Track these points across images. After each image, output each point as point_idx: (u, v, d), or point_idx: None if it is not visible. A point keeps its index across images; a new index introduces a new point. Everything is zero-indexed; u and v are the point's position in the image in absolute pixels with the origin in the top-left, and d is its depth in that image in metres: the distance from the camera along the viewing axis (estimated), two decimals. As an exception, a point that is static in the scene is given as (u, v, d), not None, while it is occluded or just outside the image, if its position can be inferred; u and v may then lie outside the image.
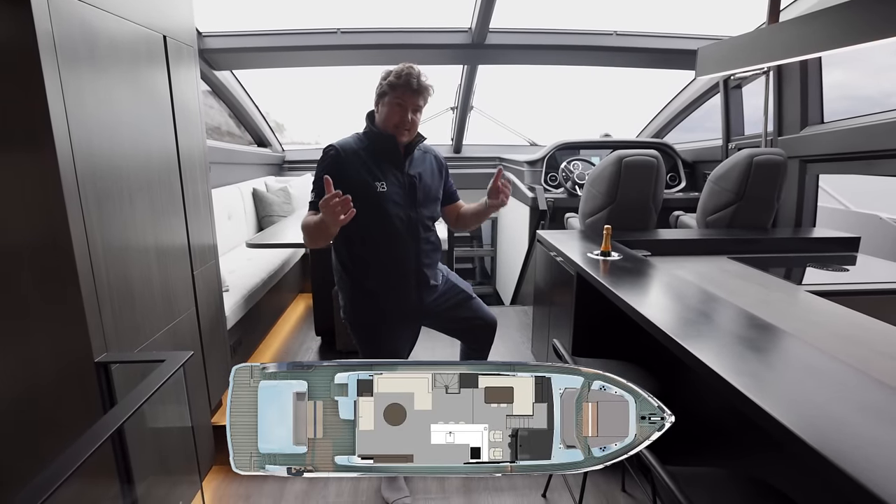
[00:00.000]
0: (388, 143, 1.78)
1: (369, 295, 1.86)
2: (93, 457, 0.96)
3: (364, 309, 1.89)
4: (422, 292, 1.89)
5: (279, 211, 4.06)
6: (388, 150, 1.79)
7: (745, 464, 1.67)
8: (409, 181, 1.81)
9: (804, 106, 2.90)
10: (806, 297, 1.82)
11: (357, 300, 1.89)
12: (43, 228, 1.26)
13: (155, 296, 1.69)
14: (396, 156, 1.80)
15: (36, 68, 1.17)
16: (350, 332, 1.96)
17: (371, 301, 1.87)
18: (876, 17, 1.33)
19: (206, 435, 2.15)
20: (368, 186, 1.74)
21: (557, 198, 3.88)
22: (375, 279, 1.84)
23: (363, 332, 1.93)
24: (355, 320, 1.93)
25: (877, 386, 1.02)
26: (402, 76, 1.71)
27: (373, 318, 1.90)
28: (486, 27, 3.35)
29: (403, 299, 1.87)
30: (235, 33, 3.46)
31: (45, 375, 1.35)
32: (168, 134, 1.80)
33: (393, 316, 1.90)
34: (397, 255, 1.82)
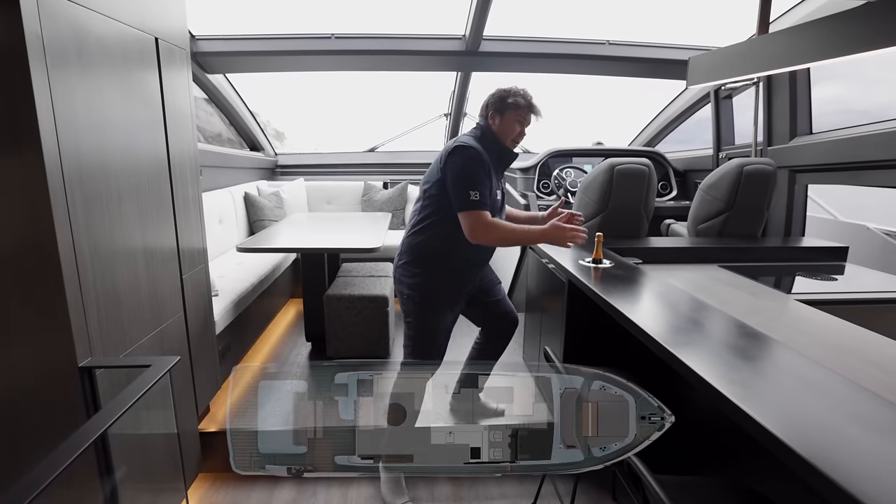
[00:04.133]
0: (506, 155, 1.98)
1: (447, 281, 2.01)
2: (75, 463, 0.94)
3: (438, 289, 2.00)
4: (478, 275, 2.13)
5: (271, 215, 4.04)
6: (503, 160, 1.99)
7: (736, 473, 1.67)
8: (502, 190, 2.05)
9: (793, 117, 2.93)
10: (795, 305, 1.83)
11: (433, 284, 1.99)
12: (28, 230, 1.24)
13: (142, 300, 1.67)
14: (505, 165, 2.02)
15: (24, 69, 1.16)
16: (408, 306, 2.03)
17: (443, 285, 2.00)
18: (864, 29, 1.34)
19: (193, 442, 2.12)
20: (492, 191, 1.92)
21: (550, 205, 3.89)
22: (460, 266, 2.02)
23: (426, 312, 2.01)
24: (428, 303, 2.00)
25: (866, 396, 1.02)
26: (526, 98, 1.91)
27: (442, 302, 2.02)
28: (480, 35, 3.37)
29: (469, 284, 2.09)
30: (229, 37, 3.45)
31: (27, 380, 1.33)
32: (158, 136, 1.79)
33: (453, 296, 2.05)
34: (482, 253, 2.05)
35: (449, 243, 1.95)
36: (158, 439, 1.75)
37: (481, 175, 1.83)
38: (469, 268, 2.06)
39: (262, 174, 4.77)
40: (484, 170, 1.85)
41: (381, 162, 5.05)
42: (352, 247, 2.63)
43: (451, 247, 1.95)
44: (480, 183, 1.83)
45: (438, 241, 1.97)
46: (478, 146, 1.87)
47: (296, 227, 3.24)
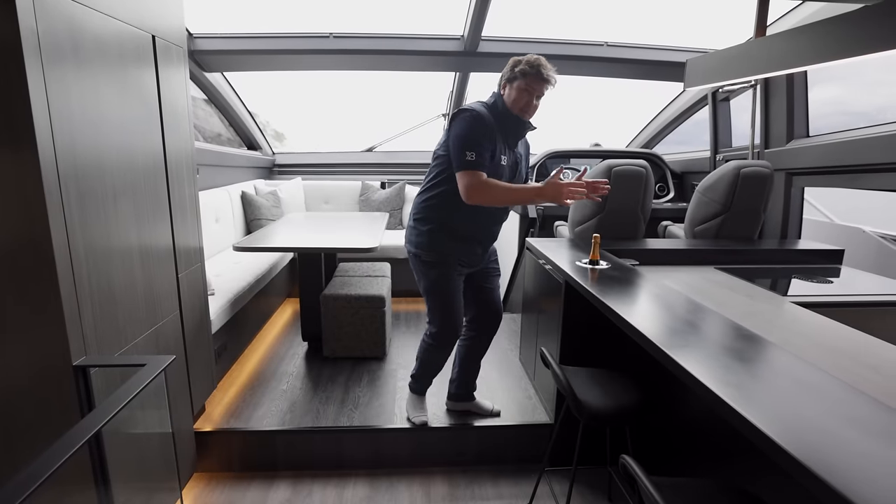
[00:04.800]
0: (515, 123, 1.98)
1: (456, 237, 2.06)
2: (69, 462, 0.93)
3: (445, 245, 2.06)
4: (485, 253, 2.18)
5: (268, 214, 4.03)
6: (512, 129, 1.99)
7: (732, 474, 1.67)
8: (515, 159, 2.06)
9: (790, 119, 2.94)
10: (791, 308, 1.84)
11: (441, 239, 2.06)
12: (23, 227, 1.23)
13: (138, 299, 1.66)
14: (517, 136, 2.04)
15: (19, 66, 1.15)
16: (417, 266, 2.14)
17: (453, 242, 2.06)
18: (860, 33, 1.35)
19: (188, 441, 2.12)
20: (495, 155, 1.94)
21: (547, 206, 3.89)
22: (468, 228, 2.06)
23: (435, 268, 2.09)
24: (435, 257, 2.07)
25: (862, 399, 1.02)
26: (533, 65, 1.88)
27: (449, 257, 2.07)
28: (479, 35, 3.36)
29: (472, 251, 2.11)
30: (227, 35, 3.43)
31: (21, 378, 1.32)
32: (155, 134, 1.78)
33: (464, 260, 2.11)
34: (488, 217, 2.07)
35: (454, 202, 1.98)
36: (153, 439, 1.74)
37: (480, 138, 1.87)
38: (473, 232, 2.08)
39: (259, 173, 4.76)
40: (485, 133, 1.88)
41: (379, 162, 5.04)
42: (349, 246, 2.62)
43: (456, 205, 1.98)
44: (478, 144, 1.87)
45: (444, 199, 2.03)
46: (483, 111, 1.92)
47: (293, 227, 3.23)
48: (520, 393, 2.62)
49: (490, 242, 2.19)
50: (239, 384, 2.65)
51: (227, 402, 2.45)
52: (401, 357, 3.02)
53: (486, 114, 1.91)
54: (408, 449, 2.30)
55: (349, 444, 2.27)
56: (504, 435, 2.33)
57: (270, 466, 2.25)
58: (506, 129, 1.98)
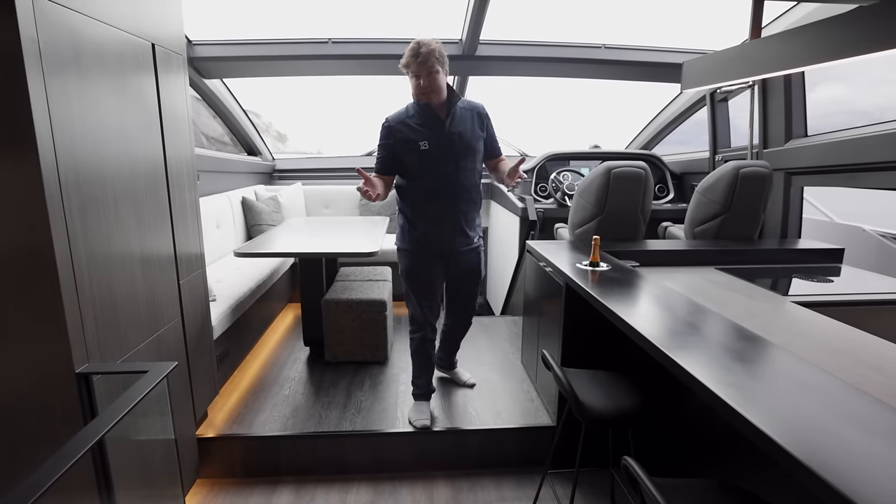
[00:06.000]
0: (425, 109, 2.16)
1: (414, 226, 2.27)
2: (72, 470, 0.94)
3: (409, 235, 2.29)
4: (456, 236, 2.27)
5: (268, 220, 4.03)
6: (426, 115, 2.16)
7: (734, 475, 1.67)
8: (449, 138, 2.16)
9: (788, 119, 2.95)
10: (792, 307, 1.84)
11: (405, 228, 2.30)
12: (24, 235, 1.24)
13: (139, 305, 1.66)
14: (435, 119, 2.16)
15: (20, 75, 1.16)
16: (398, 257, 2.36)
17: (414, 231, 2.27)
18: (855, 34, 1.35)
19: (191, 447, 2.12)
20: (412, 145, 2.14)
21: (547, 208, 3.90)
22: (420, 214, 2.25)
23: (403, 258, 2.33)
24: (402, 244, 2.32)
25: (863, 399, 1.02)
26: (406, 56, 2.07)
27: (413, 245, 2.28)
28: (477, 39, 3.37)
29: (437, 236, 2.25)
30: (226, 42, 3.45)
31: (24, 385, 1.32)
32: (155, 141, 1.79)
33: (428, 246, 2.27)
34: (438, 199, 2.22)
35: (402, 195, 2.29)
36: (156, 445, 1.74)
37: (382, 141, 2.20)
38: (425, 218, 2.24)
39: (259, 178, 4.77)
40: (388, 135, 2.18)
41: None
42: (350, 251, 2.62)
43: (402, 197, 2.29)
44: (380, 149, 2.21)
45: (399, 194, 2.32)
46: (394, 115, 2.19)
47: (293, 232, 3.23)
48: (522, 395, 2.62)
49: (453, 226, 2.26)
50: (241, 390, 2.65)
51: (229, 408, 2.46)
52: (402, 361, 3.02)
53: (393, 117, 2.18)
54: (410, 453, 2.30)
55: (352, 449, 2.27)
56: (506, 438, 2.33)
57: (273, 472, 2.25)
58: (426, 118, 2.15)
